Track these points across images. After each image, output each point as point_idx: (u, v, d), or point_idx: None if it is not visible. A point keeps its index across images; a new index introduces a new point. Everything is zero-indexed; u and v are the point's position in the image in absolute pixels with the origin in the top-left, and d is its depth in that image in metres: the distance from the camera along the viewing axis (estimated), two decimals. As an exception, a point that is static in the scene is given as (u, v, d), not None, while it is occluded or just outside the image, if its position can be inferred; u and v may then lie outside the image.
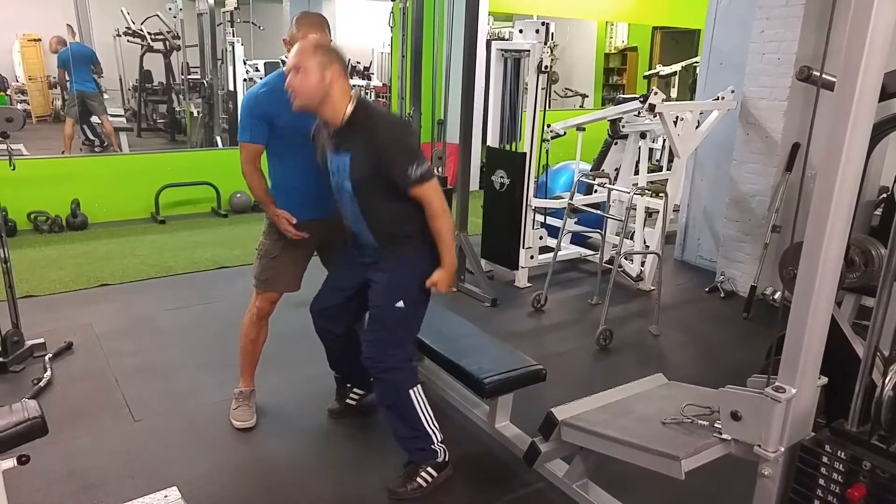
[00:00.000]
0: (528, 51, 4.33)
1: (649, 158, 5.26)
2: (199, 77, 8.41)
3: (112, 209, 6.08)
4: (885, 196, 3.16)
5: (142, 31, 8.84)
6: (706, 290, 4.81)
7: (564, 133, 4.95)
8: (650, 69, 10.54)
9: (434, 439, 2.47)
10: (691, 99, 6.93)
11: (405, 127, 2.35)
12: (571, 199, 4.53)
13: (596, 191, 5.11)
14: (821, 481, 1.65)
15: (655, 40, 11.63)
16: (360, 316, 2.67)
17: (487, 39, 7.37)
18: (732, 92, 4.58)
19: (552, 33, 4.34)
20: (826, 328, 1.69)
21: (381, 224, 2.39)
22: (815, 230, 1.59)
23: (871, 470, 1.57)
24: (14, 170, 3.38)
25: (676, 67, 9.22)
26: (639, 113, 4.42)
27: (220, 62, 7.67)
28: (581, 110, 9.80)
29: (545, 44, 4.29)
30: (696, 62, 7.18)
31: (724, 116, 4.64)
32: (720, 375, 2.40)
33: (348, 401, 2.98)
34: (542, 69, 4.34)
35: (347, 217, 2.49)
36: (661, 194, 4.30)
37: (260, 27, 8.63)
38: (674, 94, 9.41)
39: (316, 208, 2.70)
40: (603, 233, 4.59)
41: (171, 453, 2.69)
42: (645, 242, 4.90)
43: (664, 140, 5.94)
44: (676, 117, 4.39)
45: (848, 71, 1.50)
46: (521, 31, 4.45)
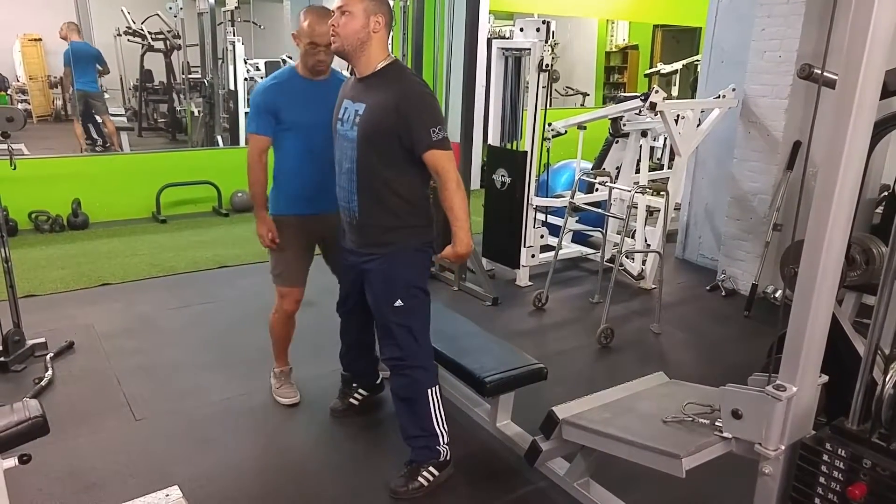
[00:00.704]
0: (529, 49, 4.33)
1: (650, 157, 5.24)
2: (199, 76, 8.39)
3: (113, 209, 6.09)
4: (886, 194, 3.16)
5: (142, 30, 8.84)
6: (707, 288, 4.81)
7: (565, 131, 4.93)
8: (651, 67, 10.51)
9: (440, 440, 2.47)
10: (692, 97, 6.91)
11: (435, 97, 2.32)
12: (572, 197, 4.53)
13: (597, 189, 5.11)
14: (821, 479, 1.65)
15: (656, 38, 11.62)
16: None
17: (488, 38, 7.35)
18: (733, 90, 4.57)
19: (553, 31, 4.33)
20: (827, 326, 1.69)
21: (370, 189, 2.27)
22: (817, 228, 1.59)
23: (871, 468, 1.58)
24: (15, 169, 3.38)
25: (677, 65, 9.19)
26: (640, 111, 4.41)
27: (220, 61, 7.65)
28: (582, 109, 9.78)
29: (546, 42, 4.28)
30: (697, 60, 7.18)
31: (725, 114, 4.63)
32: (721, 374, 2.41)
33: (351, 400, 2.98)
34: (543, 67, 4.33)
35: (340, 184, 2.37)
36: (662, 193, 4.29)
37: (261, 26, 8.64)
38: (675, 92, 9.40)
39: (318, 203, 2.71)
40: (604, 231, 4.60)
41: (172, 452, 2.69)
42: (646, 241, 4.89)
43: (665, 138, 5.93)
44: (677, 115, 4.38)
45: (849, 69, 1.50)
46: (521, 30, 4.44)
